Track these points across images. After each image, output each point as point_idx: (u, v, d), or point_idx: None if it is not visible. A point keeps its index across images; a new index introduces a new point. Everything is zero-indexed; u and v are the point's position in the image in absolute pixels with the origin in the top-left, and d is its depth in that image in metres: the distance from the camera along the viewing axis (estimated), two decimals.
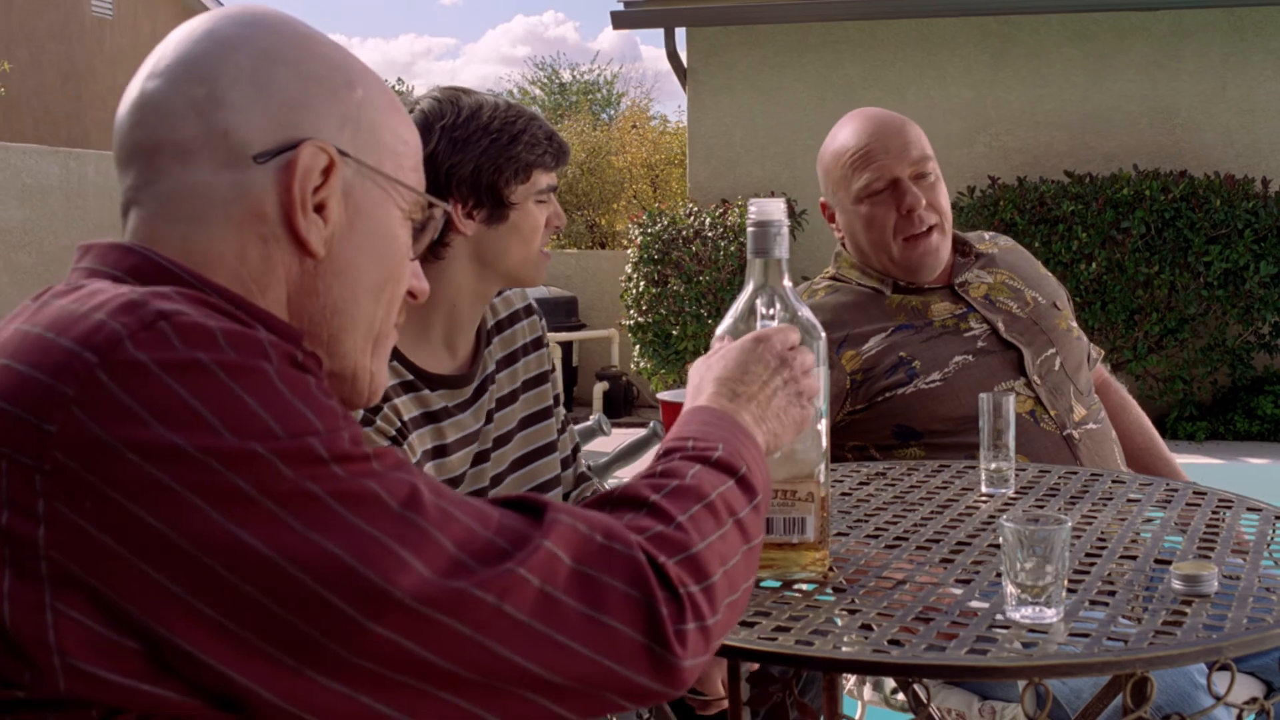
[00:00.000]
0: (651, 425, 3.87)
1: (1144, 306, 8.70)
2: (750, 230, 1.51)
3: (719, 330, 1.50)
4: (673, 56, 10.73)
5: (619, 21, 10.56)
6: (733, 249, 9.38)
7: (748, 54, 10.38)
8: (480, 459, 2.08)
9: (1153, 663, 1.27)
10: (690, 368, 1.41)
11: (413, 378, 2.02)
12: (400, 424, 1.93)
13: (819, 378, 1.46)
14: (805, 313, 1.50)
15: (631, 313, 9.82)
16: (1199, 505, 1.96)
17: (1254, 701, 1.47)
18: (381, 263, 1.16)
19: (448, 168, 2.01)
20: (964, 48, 10.03)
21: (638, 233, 9.95)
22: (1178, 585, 1.47)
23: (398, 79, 26.48)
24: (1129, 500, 1.98)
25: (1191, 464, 7.40)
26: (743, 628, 1.38)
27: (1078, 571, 1.58)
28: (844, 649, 1.34)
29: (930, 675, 1.36)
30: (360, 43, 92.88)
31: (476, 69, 78.57)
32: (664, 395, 1.57)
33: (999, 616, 1.39)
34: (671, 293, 9.55)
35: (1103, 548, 1.70)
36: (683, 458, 1.19)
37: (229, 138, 1.06)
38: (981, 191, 9.36)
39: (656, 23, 10.54)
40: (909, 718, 2.06)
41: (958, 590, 1.51)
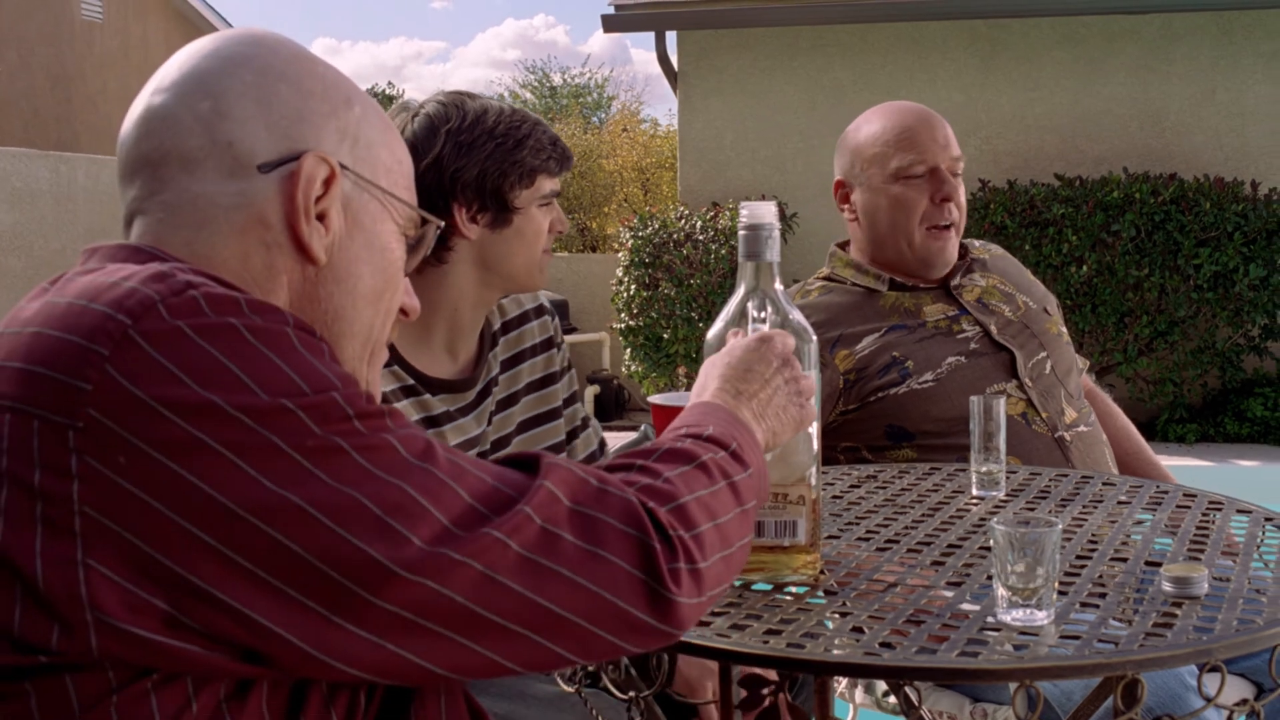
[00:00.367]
0: (643, 429, 3.87)
1: (1134, 309, 8.71)
2: (741, 234, 1.51)
3: (710, 334, 1.51)
4: (663, 60, 10.73)
5: (609, 25, 10.56)
6: (723, 252, 9.38)
7: (738, 57, 10.38)
8: None
9: (1143, 665, 1.27)
10: (702, 367, 1.45)
11: (413, 382, 2.02)
12: None
13: (814, 382, 1.48)
14: (796, 316, 1.51)
15: (622, 316, 9.81)
16: (1189, 507, 1.96)
17: (1244, 703, 1.47)
18: (379, 273, 1.20)
19: (452, 172, 2.01)
20: (954, 51, 10.05)
21: (628, 236, 9.94)
22: (1168, 587, 1.48)
23: (388, 82, 26.49)
24: (1119, 502, 1.98)
25: (1181, 466, 7.41)
26: (734, 631, 1.38)
27: (1068, 574, 1.58)
28: (835, 652, 1.34)
29: (921, 678, 1.36)
30: (350, 46, 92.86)
31: (467, 72, 78.57)
32: (655, 399, 1.57)
33: (990, 619, 1.39)
34: (662, 296, 9.54)
35: (1093, 550, 1.70)
36: (675, 436, 1.25)
37: (233, 148, 1.10)
38: (972, 194, 9.36)
39: (647, 26, 10.53)
40: None
41: (949, 593, 1.52)
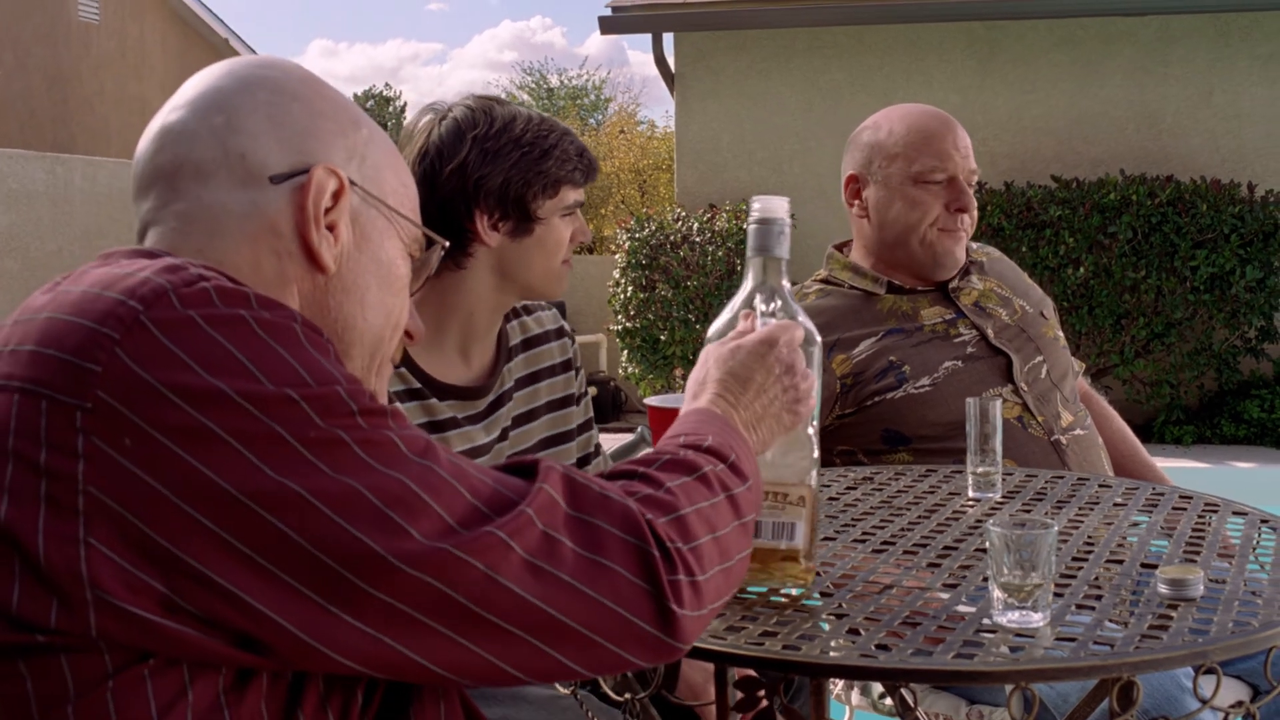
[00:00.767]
0: (639, 430, 3.87)
1: (1131, 311, 8.71)
2: (753, 227, 1.49)
3: (711, 330, 1.49)
4: (660, 61, 10.73)
5: (606, 26, 10.56)
6: (720, 254, 9.38)
7: (735, 59, 10.39)
8: None
9: (1139, 666, 1.27)
10: (704, 351, 1.43)
11: (420, 385, 2.01)
12: None
13: (814, 390, 1.47)
14: (804, 318, 1.48)
15: (619, 318, 9.81)
16: (1185, 509, 1.96)
17: (1240, 705, 1.47)
18: (386, 287, 1.23)
19: (477, 178, 2.00)
20: (951, 53, 10.05)
21: (625, 238, 9.94)
22: (1163, 589, 1.48)
23: (385, 84, 26.47)
24: (1115, 504, 1.98)
25: (1178, 468, 7.41)
26: (729, 633, 1.37)
27: (1064, 575, 1.58)
28: (831, 654, 1.34)
29: (917, 680, 1.36)
30: (347, 47, 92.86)
31: (464, 74, 78.54)
32: (651, 400, 1.57)
33: (986, 620, 1.39)
34: (659, 298, 9.54)
35: (1089, 552, 1.70)
36: (675, 445, 1.25)
37: (245, 160, 1.14)
38: None
39: (644, 28, 10.53)
40: None
41: (945, 594, 1.52)
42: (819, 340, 1.50)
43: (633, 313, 9.69)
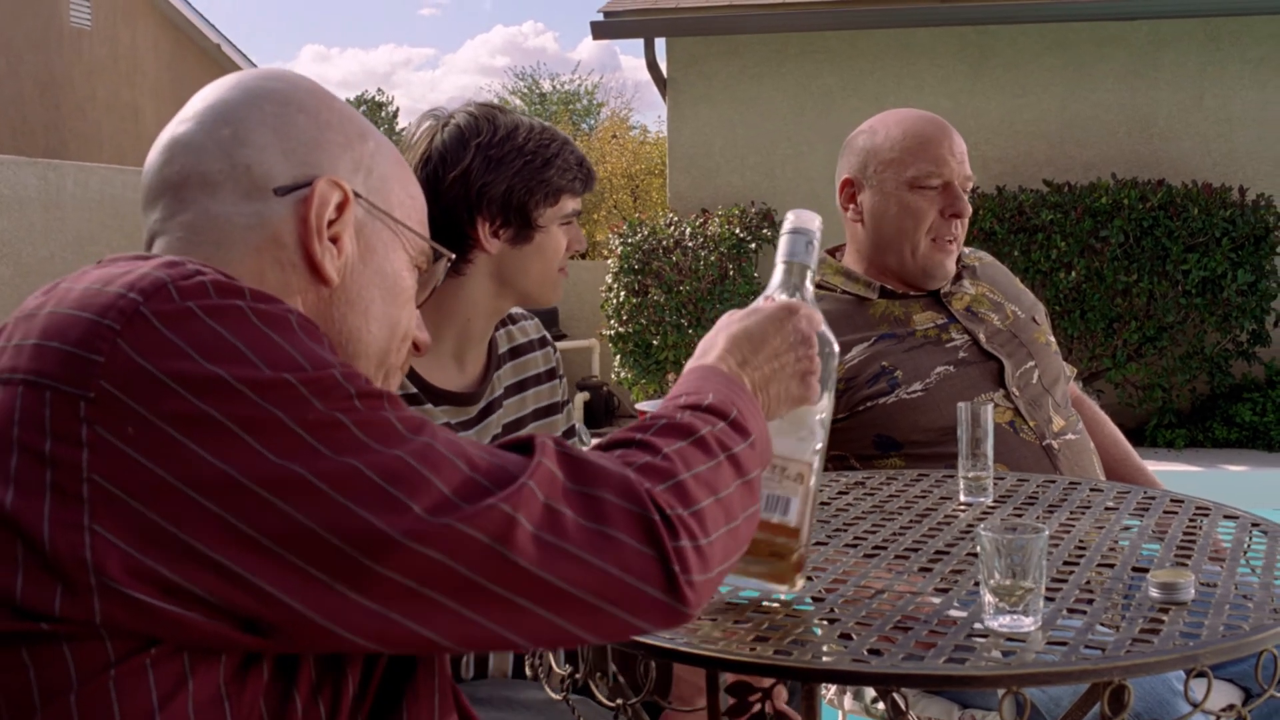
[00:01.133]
0: None
1: (1123, 315, 8.72)
2: (786, 236, 1.51)
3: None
4: (652, 66, 10.74)
5: (599, 31, 10.57)
6: (713, 259, 9.39)
7: (727, 64, 10.40)
8: None
9: (1130, 670, 1.28)
10: (717, 323, 1.43)
11: (416, 390, 2.02)
12: None
13: (827, 399, 1.47)
14: (825, 329, 1.47)
15: (612, 323, 9.82)
16: (1176, 513, 1.96)
17: (1231, 709, 1.47)
18: (391, 299, 1.24)
19: (480, 186, 2.01)
20: (942, 57, 10.07)
21: (618, 243, 9.94)
22: (1154, 593, 1.48)
23: (377, 89, 26.47)
24: (1107, 508, 1.98)
25: (1170, 471, 7.43)
26: (721, 638, 1.38)
27: (1056, 580, 1.58)
28: (823, 658, 1.34)
29: (909, 684, 1.36)
30: (339, 53, 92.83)
31: (456, 79, 78.57)
32: (644, 405, 1.58)
33: (977, 625, 1.40)
34: (652, 303, 9.54)
35: (1080, 556, 1.70)
36: (674, 407, 1.24)
37: (251, 172, 1.16)
38: None
39: (636, 33, 10.54)
40: None
41: (936, 599, 1.52)
42: (836, 350, 1.49)
43: (625, 318, 9.70)
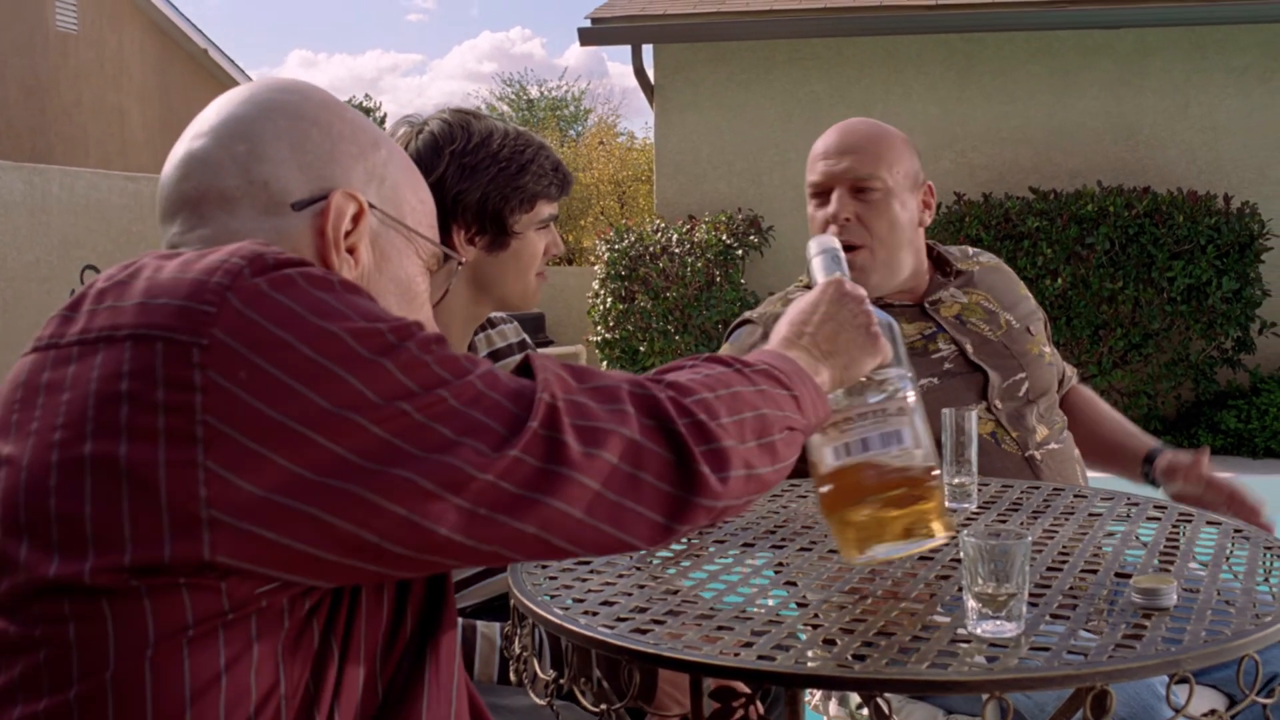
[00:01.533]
0: None
1: (1108, 322, 8.75)
2: (817, 258, 1.65)
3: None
4: (640, 73, 10.75)
5: (586, 38, 10.58)
6: (699, 265, 9.39)
7: (715, 71, 10.41)
8: None
9: (1112, 676, 1.28)
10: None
11: None
12: None
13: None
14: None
15: (599, 329, 9.82)
16: (1159, 519, 1.97)
17: (1214, 713, 1.47)
18: (407, 303, 1.30)
19: (454, 194, 2.01)
20: (930, 65, 10.09)
21: (605, 249, 9.95)
22: (1137, 599, 1.48)
23: (364, 95, 26.46)
24: (1090, 514, 1.99)
25: None
26: (704, 643, 1.38)
27: (1039, 585, 1.58)
28: (807, 664, 1.34)
29: (891, 690, 1.36)
30: (327, 58, 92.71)
31: (443, 85, 78.47)
32: None
33: (961, 630, 1.40)
34: (638, 309, 9.55)
35: (1064, 562, 1.71)
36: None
37: (269, 188, 1.19)
38: (947, 207, 9.41)
39: (624, 39, 10.56)
40: None
41: (920, 605, 1.52)
42: (893, 320, 1.61)
43: (612, 324, 9.70)
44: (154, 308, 1.00)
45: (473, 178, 2.01)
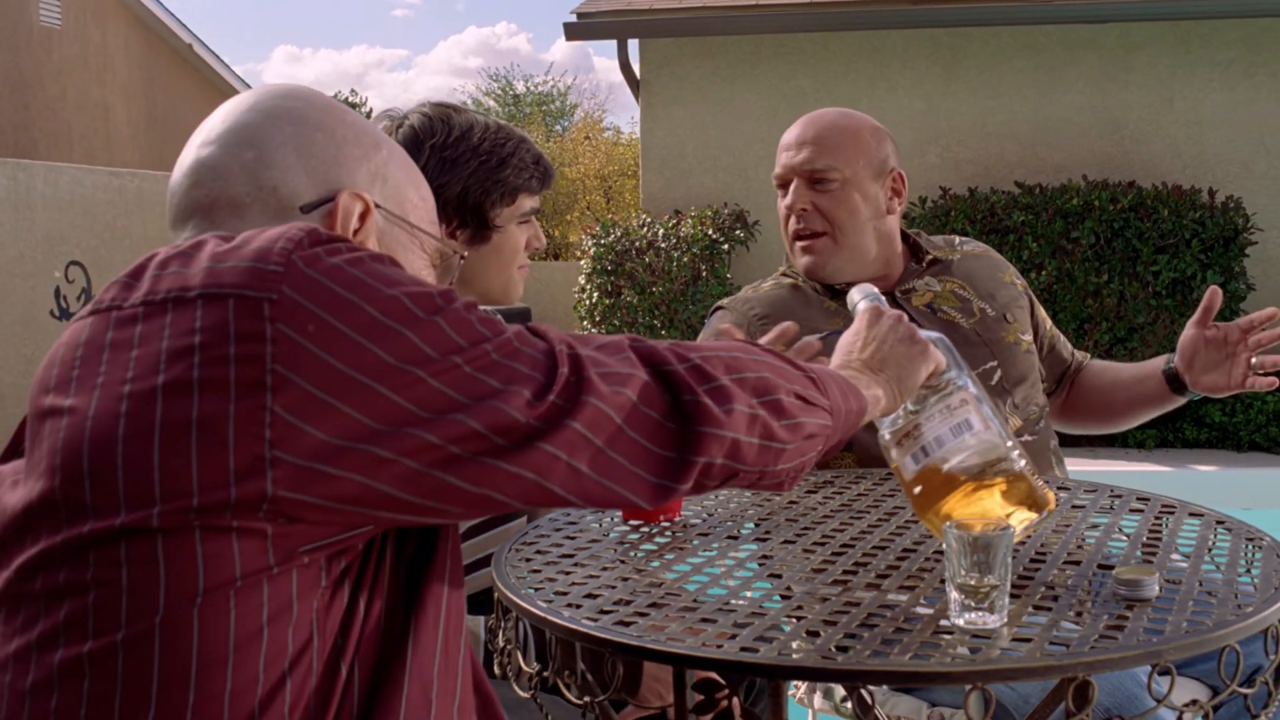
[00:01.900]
0: None
1: (1094, 316, 8.77)
2: (860, 304, 1.76)
3: None
4: (625, 68, 10.75)
5: (571, 33, 10.57)
6: (685, 260, 9.39)
7: (700, 65, 10.41)
8: None
9: (1094, 666, 1.28)
10: None
11: None
12: None
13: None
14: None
15: (585, 324, 9.81)
16: (1142, 511, 1.97)
17: (1194, 704, 1.48)
18: None
19: (435, 187, 2.00)
20: (915, 60, 10.10)
21: (591, 244, 9.95)
22: (1119, 590, 1.49)
23: (350, 90, 26.42)
24: (1074, 506, 1.99)
25: (1141, 472, 7.47)
26: (688, 635, 1.38)
27: (1022, 577, 1.59)
28: (790, 656, 1.34)
29: (874, 681, 1.36)
30: (312, 53, 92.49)
31: (429, 80, 78.38)
32: None
33: (943, 622, 1.40)
34: (625, 304, 9.55)
35: (1047, 554, 1.71)
36: None
37: (278, 193, 1.25)
38: (933, 202, 9.42)
39: (609, 34, 10.55)
40: None
41: (903, 596, 1.52)
42: (942, 335, 1.73)
43: (598, 319, 9.69)
44: (222, 270, 1.06)
45: (453, 171, 2.01)
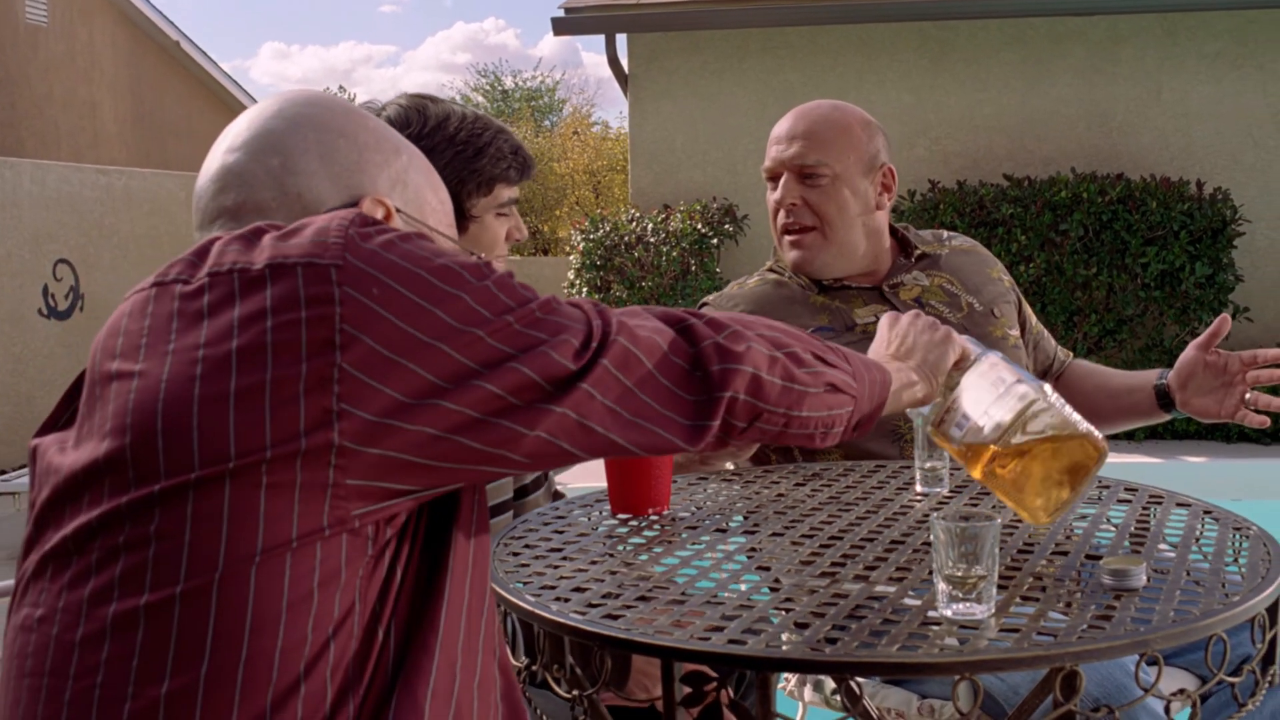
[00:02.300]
0: None
1: (1083, 308, 8.78)
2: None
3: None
4: (614, 62, 10.73)
5: (559, 27, 10.55)
6: (675, 254, 9.40)
7: (688, 60, 10.40)
8: None
9: (1081, 656, 1.29)
10: None
11: None
12: None
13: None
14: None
15: None
16: (1130, 501, 1.98)
17: (1182, 693, 1.48)
18: None
19: None
20: (903, 53, 10.10)
21: (580, 239, 9.94)
22: (1106, 580, 1.49)
23: (338, 86, 26.37)
24: None
25: (1131, 463, 7.48)
26: (676, 628, 1.38)
27: (1010, 568, 1.59)
28: (779, 648, 1.34)
29: (862, 672, 1.36)
30: (299, 50, 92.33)
31: (417, 76, 78.31)
32: None
33: (931, 613, 1.40)
34: (614, 299, 9.54)
35: (1034, 544, 1.72)
36: None
37: (302, 198, 1.29)
38: (922, 195, 9.43)
39: (597, 29, 10.54)
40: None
41: (891, 588, 1.52)
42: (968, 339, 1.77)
43: None
44: (286, 246, 1.11)
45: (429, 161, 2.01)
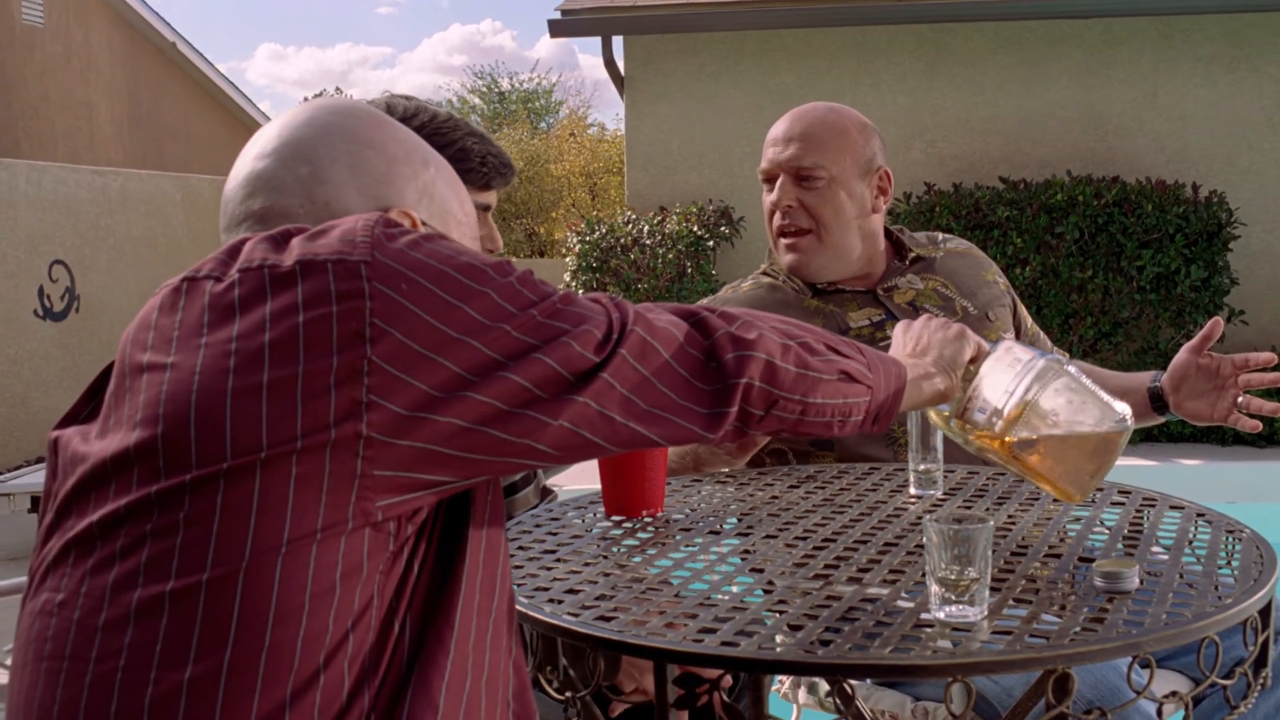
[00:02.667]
0: None
1: (1078, 310, 8.79)
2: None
3: None
4: (610, 64, 10.73)
5: (556, 30, 10.56)
6: (671, 256, 9.39)
7: (685, 62, 10.41)
8: None
9: (1074, 659, 1.29)
10: None
11: None
12: None
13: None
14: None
15: None
16: (1124, 504, 1.98)
17: (1175, 695, 1.49)
18: None
19: None
20: (899, 55, 10.11)
21: (576, 241, 9.94)
22: (1099, 583, 1.49)
23: (335, 88, 26.34)
24: (1055, 500, 2.00)
25: (1125, 466, 7.46)
26: (669, 629, 1.38)
27: (1003, 570, 1.59)
28: (773, 650, 1.34)
29: (854, 675, 1.36)
30: (296, 51, 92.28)
31: (413, 78, 78.30)
32: None
33: (924, 615, 1.40)
34: None
35: (1027, 547, 1.72)
36: None
37: (330, 207, 1.30)
38: (918, 198, 9.43)
39: (594, 31, 10.54)
40: None
41: (884, 590, 1.52)
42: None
43: None
44: (315, 245, 1.13)
45: None
